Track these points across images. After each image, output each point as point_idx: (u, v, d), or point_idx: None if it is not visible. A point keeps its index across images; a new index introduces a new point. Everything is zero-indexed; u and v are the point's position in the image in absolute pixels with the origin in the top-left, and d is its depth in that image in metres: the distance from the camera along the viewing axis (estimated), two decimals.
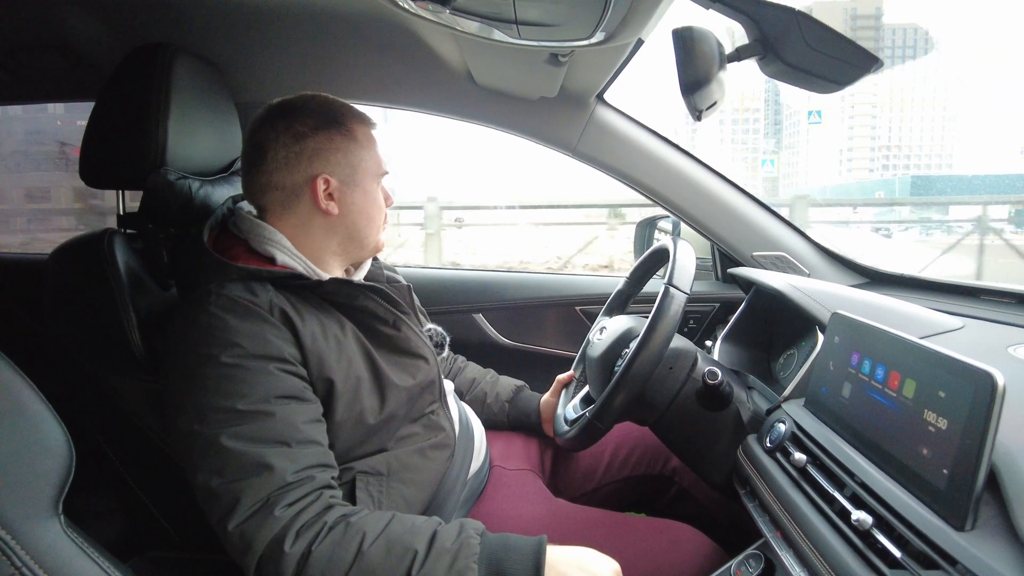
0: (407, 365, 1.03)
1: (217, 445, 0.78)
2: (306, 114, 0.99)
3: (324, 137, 0.98)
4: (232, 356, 0.82)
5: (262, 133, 0.98)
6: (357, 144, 1.01)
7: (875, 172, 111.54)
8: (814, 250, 1.61)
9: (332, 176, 0.98)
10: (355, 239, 1.04)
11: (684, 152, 1.59)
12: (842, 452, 0.78)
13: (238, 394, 0.81)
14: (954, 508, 0.60)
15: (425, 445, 1.03)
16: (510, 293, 1.79)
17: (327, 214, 0.99)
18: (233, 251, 0.97)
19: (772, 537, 0.85)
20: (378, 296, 1.00)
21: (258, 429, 0.80)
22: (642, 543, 1.02)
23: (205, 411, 0.80)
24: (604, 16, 0.85)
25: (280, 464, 0.79)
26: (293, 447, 0.81)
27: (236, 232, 1.00)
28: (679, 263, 1.03)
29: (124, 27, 1.35)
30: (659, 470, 1.30)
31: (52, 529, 0.61)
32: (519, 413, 1.35)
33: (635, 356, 0.95)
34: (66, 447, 0.63)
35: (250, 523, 0.76)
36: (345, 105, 1.03)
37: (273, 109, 1.00)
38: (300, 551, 0.75)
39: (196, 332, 0.84)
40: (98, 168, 1.10)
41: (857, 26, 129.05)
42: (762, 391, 1.11)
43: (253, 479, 0.77)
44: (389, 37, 1.42)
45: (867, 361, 0.79)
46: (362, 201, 1.02)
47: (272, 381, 0.83)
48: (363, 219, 1.03)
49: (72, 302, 1.04)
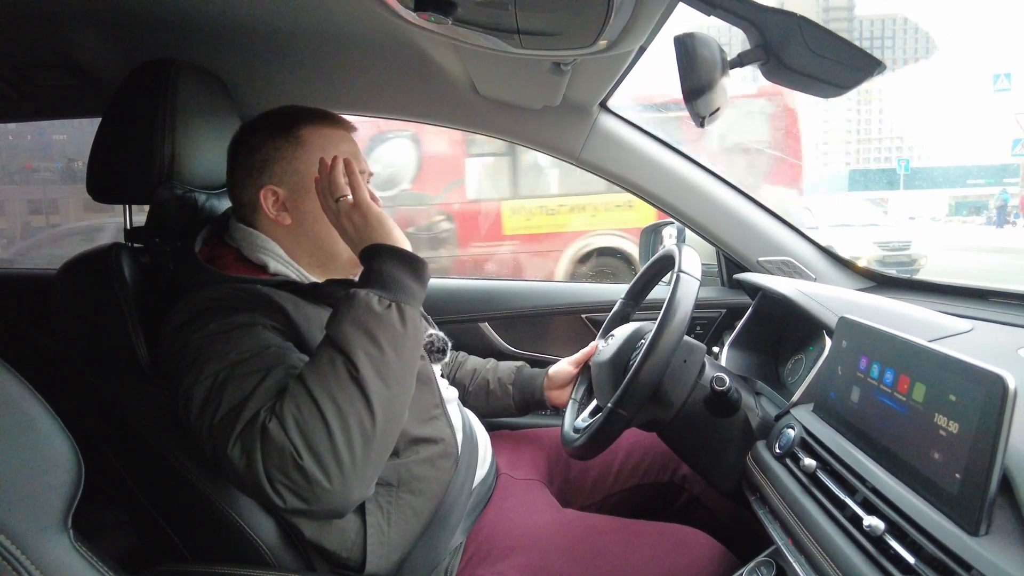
0: None
1: (216, 388, 0.79)
2: (260, 126, 1.00)
3: (271, 147, 0.99)
4: (223, 325, 0.83)
5: (231, 151, 1.02)
6: (305, 148, 0.99)
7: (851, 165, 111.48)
8: (820, 254, 1.60)
9: (279, 186, 0.98)
10: (322, 249, 1.02)
11: (687, 158, 1.59)
12: (852, 457, 0.77)
13: (232, 349, 0.82)
14: (967, 513, 0.59)
15: (431, 454, 1.03)
16: (516, 302, 1.79)
17: (283, 225, 0.99)
18: (224, 260, 0.97)
19: (783, 544, 0.85)
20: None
21: (252, 370, 0.81)
22: (651, 548, 1.01)
23: (202, 370, 0.81)
24: (606, 24, 0.85)
25: (275, 379, 0.80)
26: (288, 370, 0.82)
27: (230, 242, 1.01)
28: (686, 254, 1.03)
29: (130, 44, 1.37)
30: (669, 478, 1.30)
31: (61, 543, 0.61)
32: (523, 392, 1.35)
33: (655, 341, 0.94)
34: (75, 461, 0.63)
35: (248, 434, 0.76)
36: (301, 110, 1.02)
37: (242, 127, 1.02)
38: (275, 425, 0.75)
39: (186, 322, 0.86)
40: (105, 183, 1.11)
41: (830, 18, 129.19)
42: (770, 397, 1.10)
43: (249, 396, 0.78)
44: (392, 50, 1.42)
45: (876, 365, 0.78)
46: (315, 208, 0.97)
47: (266, 335, 0.85)
48: (322, 227, 0.98)
49: (80, 316, 1.04)
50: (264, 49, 1.44)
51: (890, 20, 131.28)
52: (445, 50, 1.31)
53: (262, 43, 1.41)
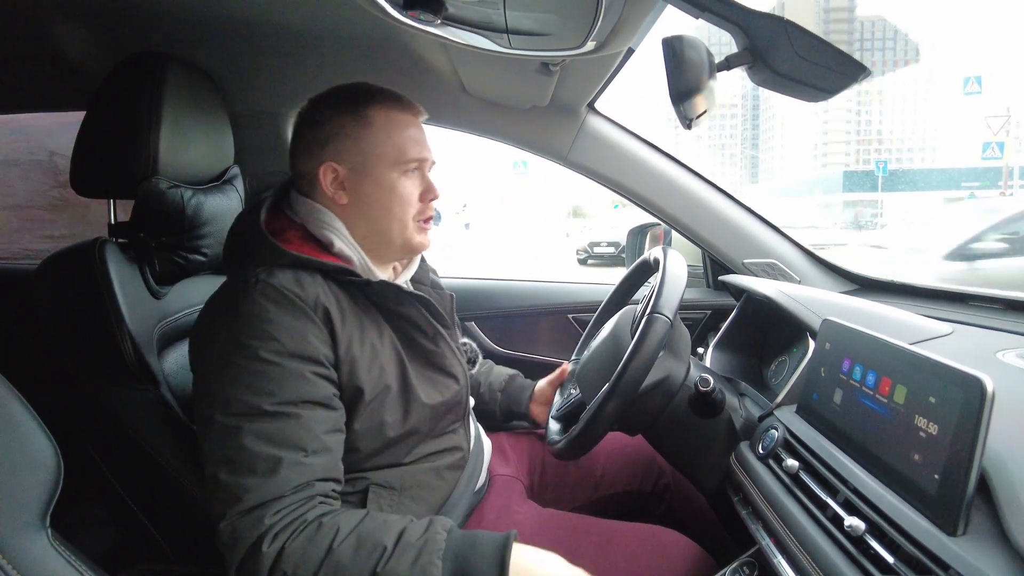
0: (437, 382, 1.01)
1: (235, 439, 0.78)
2: (328, 102, 0.98)
3: (336, 124, 0.96)
4: (269, 352, 0.81)
5: (297, 124, 0.99)
6: (371, 130, 0.96)
7: (850, 165, 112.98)
8: (804, 257, 1.62)
9: (340, 164, 0.96)
10: (376, 232, 0.99)
11: (675, 160, 1.60)
12: (834, 458, 0.78)
13: (266, 392, 0.80)
14: (946, 513, 0.60)
15: (441, 465, 1.02)
16: (503, 301, 1.79)
17: (339, 203, 0.97)
18: (288, 234, 0.95)
19: (765, 544, 0.85)
20: (423, 306, 0.99)
21: (279, 431, 0.80)
22: (629, 549, 1.01)
23: (231, 402, 0.80)
24: (595, 25, 0.86)
25: (288, 473, 0.78)
26: (307, 455, 0.80)
27: (292, 215, 0.98)
28: (667, 284, 1.00)
29: (116, 37, 1.35)
30: (651, 488, 1.29)
31: (39, 542, 0.60)
32: (509, 401, 1.34)
33: (616, 381, 0.93)
34: (54, 459, 0.63)
35: (242, 522, 0.76)
36: (372, 89, 0.99)
37: (310, 100, 1.00)
38: (276, 550, 0.75)
39: (238, 319, 0.83)
40: (89, 177, 1.09)
41: (830, 19, 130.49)
42: (754, 398, 1.11)
43: (259, 479, 0.77)
44: (380, 47, 1.42)
45: (858, 367, 0.79)
46: (374, 191, 0.96)
47: (302, 385, 0.83)
48: (379, 210, 0.97)
49: (63, 312, 1.03)
50: (252, 44, 1.43)
51: (887, 21, 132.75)
52: (434, 48, 1.31)
53: (250, 38, 1.40)
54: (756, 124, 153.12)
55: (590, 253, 15.09)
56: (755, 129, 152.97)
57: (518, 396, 1.34)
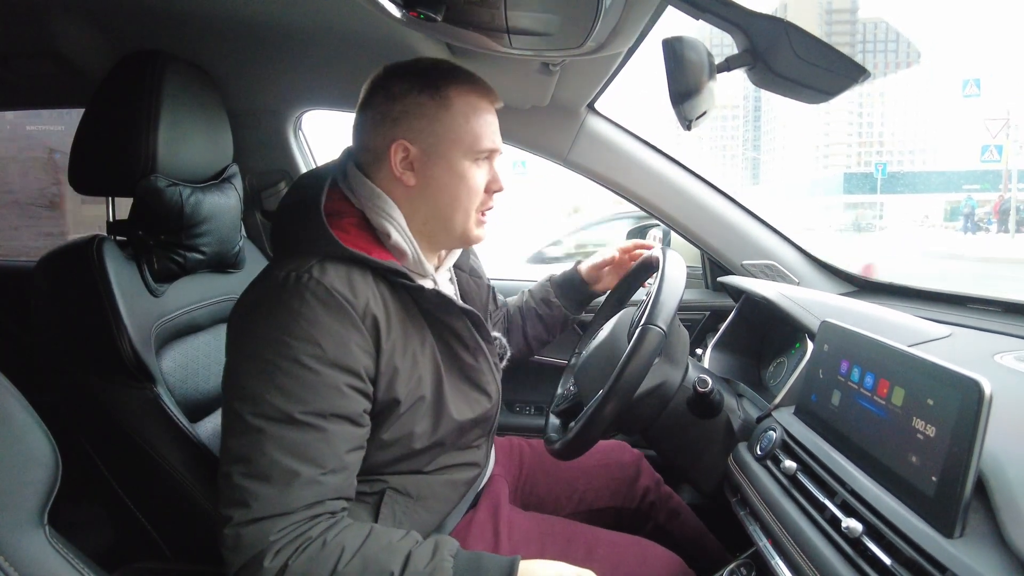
0: (470, 397, 1.00)
1: (257, 442, 0.77)
2: (406, 75, 0.93)
3: (413, 101, 0.91)
4: (310, 357, 0.79)
5: (368, 91, 0.95)
6: (449, 113, 0.92)
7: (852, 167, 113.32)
8: (803, 259, 1.62)
9: (413, 143, 0.91)
10: (438, 219, 0.95)
11: (674, 161, 1.60)
12: (832, 460, 0.78)
13: (299, 399, 0.78)
14: (943, 515, 0.60)
15: (459, 479, 1.02)
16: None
17: (404, 184, 0.93)
18: (344, 221, 0.91)
19: (763, 545, 0.85)
20: (470, 320, 0.97)
21: (303, 442, 0.78)
22: (611, 558, 1.01)
23: (260, 402, 0.77)
24: (595, 26, 0.86)
25: (301, 490, 0.77)
26: (324, 473, 0.79)
27: (350, 196, 0.95)
28: (664, 292, 0.99)
29: (116, 34, 1.35)
30: (636, 504, 1.29)
31: (37, 539, 0.60)
32: (569, 298, 1.38)
33: (610, 388, 0.93)
34: (52, 457, 0.63)
35: (247, 531, 0.75)
36: (453, 68, 0.95)
37: (386, 68, 0.96)
38: (278, 566, 0.74)
39: (284, 314, 0.80)
40: (87, 175, 1.09)
41: (833, 20, 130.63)
42: (752, 399, 1.11)
43: (272, 490, 0.76)
44: (381, 46, 1.42)
45: (856, 369, 0.79)
46: (444, 176, 0.93)
47: (336, 398, 0.80)
48: (445, 197, 0.94)
49: (61, 310, 1.02)
50: (252, 43, 1.42)
51: (889, 23, 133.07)
52: (434, 48, 1.31)
53: (250, 37, 1.40)
54: (757, 126, 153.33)
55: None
56: (756, 131, 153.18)
57: (571, 287, 1.38)
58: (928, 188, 62.52)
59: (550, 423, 1.20)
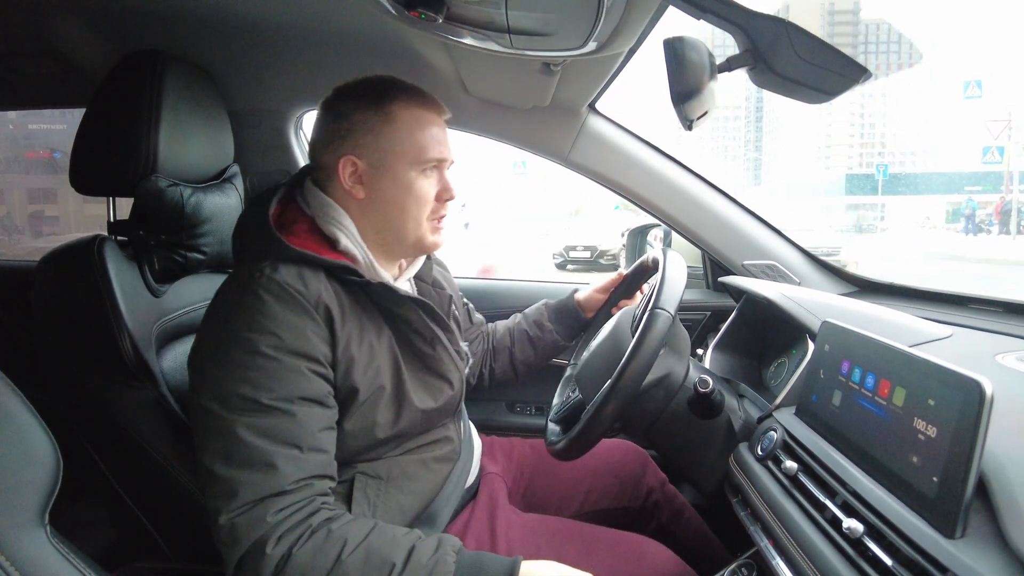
0: (432, 386, 1.02)
1: (231, 431, 0.79)
2: (352, 94, 0.98)
3: (359, 118, 0.95)
4: (269, 346, 0.82)
5: (320, 113, 1.00)
6: (394, 126, 0.96)
7: (854, 168, 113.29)
8: (804, 259, 1.62)
9: (360, 158, 0.95)
10: (389, 229, 0.99)
11: (675, 161, 1.60)
12: (833, 460, 0.78)
13: (265, 387, 0.80)
14: (944, 516, 0.60)
15: (428, 456, 1.03)
16: (502, 301, 1.79)
17: (355, 197, 0.97)
18: (295, 227, 0.95)
19: (764, 546, 0.85)
20: (422, 310, 0.98)
21: (275, 426, 0.80)
22: (610, 557, 1.01)
23: (229, 395, 0.80)
24: (596, 26, 0.86)
25: (285, 467, 0.79)
26: (303, 452, 0.81)
27: (303, 205, 0.99)
28: (667, 281, 1.01)
29: (116, 34, 1.35)
30: (640, 504, 1.29)
31: (37, 539, 0.60)
32: (563, 323, 1.39)
33: (618, 377, 0.94)
34: (53, 456, 0.63)
35: (241, 519, 0.76)
36: (397, 84, 0.99)
37: (335, 89, 1.00)
38: (281, 553, 0.75)
39: (239, 312, 0.84)
40: (88, 175, 1.09)
41: (835, 21, 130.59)
42: (753, 399, 1.11)
43: (256, 475, 0.78)
44: (381, 46, 1.42)
45: (857, 369, 0.79)
46: (391, 187, 0.96)
47: (301, 380, 0.83)
48: (394, 207, 0.97)
49: (62, 309, 1.03)
50: (253, 43, 1.43)
51: (892, 24, 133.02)
52: (435, 48, 1.31)
53: (251, 37, 1.40)
54: (759, 126, 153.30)
55: (566, 257, 14.46)
56: (758, 131, 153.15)
57: (565, 313, 1.39)
58: (930, 189, 62.59)
59: (550, 429, 1.20)
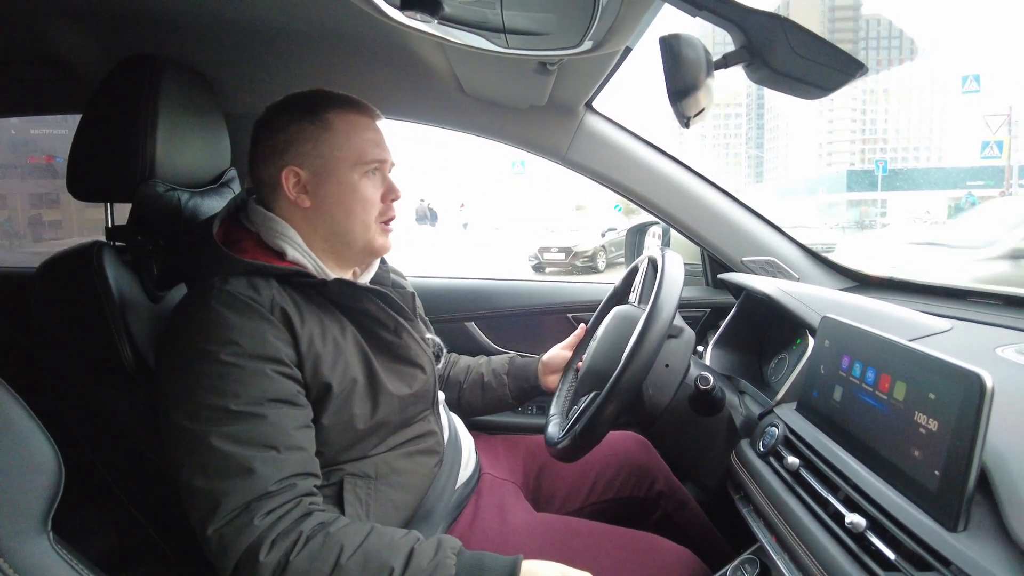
0: (404, 373, 1.02)
1: (205, 443, 0.78)
2: (286, 108, 1.00)
3: (296, 129, 0.98)
4: (229, 354, 0.82)
5: (254, 131, 1.01)
6: (331, 132, 0.98)
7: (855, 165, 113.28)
8: (803, 255, 1.62)
9: (302, 168, 0.97)
10: (338, 234, 1.01)
11: (673, 159, 1.60)
12: (835, 455, 0.78)
13: (231, 394, 0.81)
14: (946, 509, 0.60)
15: (413, 449, 1.03)
16: (502, 301, 1.79)
17: (301, 207, 0.98)
18: (242, 244, 0.96)
19: (767, 542, 0.85)
20: (381, 300, 0.99)
21: (247, 431, 0.80)
22: (620, 554, 1.01)
23: (197, 408, 0.80)
24: (592, 24, 0.86)
25: (264, 470, 0.79)
26: (280, 452, 0.81)
27: (247, 224, 1.00)
28: (666, 278, 1.01)
29: (112, 39, 1.35)
30: (644, 493, 1.29)
31: (41, 545, 0.60)
32: (518, 381, 1.34)
33: (622, 372, 0.94)
34: (55, 463, 0.63)
35: (228, 528, 0.76)
36: (328, 95, 1.01)
37: (267, 108, 1.02)
38: (275, 560, 0.75)
39: (196, 327, 0.84)
40: (86, 180, 1.09)
41: (836, 18, 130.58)
42: (754, 396, 1.11)
43: (236, 482, 0.77)
44: (378, 48, 1.42)
45: (858, 364, 0.79)
46: (336, 192, 0.98)
47: (266, 383, 0.83)
48: (341, 212, 0.99)
49: (61, 315, 1.03)
50: (248, 46, 1.42)
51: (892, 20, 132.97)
52: (431, 48, 1.31)
53: (246, 40, 1.40)
54: (760, 123, 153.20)
55: (540, 259, 14.08)
56: (759, 128, 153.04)
57: (524, 373, 1.35)
58: (930, 185, 62.57)
59: (550, 428, 1.20)
